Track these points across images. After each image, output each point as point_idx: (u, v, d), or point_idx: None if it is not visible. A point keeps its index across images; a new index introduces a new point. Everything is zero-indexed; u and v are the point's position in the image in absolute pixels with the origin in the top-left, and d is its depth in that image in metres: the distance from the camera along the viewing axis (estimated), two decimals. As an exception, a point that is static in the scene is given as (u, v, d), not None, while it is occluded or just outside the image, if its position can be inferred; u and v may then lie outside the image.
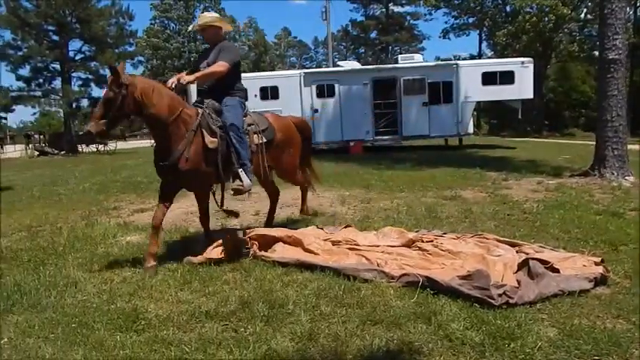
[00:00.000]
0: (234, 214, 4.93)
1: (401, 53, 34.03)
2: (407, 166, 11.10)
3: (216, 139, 4.24)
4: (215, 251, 4.35)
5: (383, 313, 3.13)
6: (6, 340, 2.96)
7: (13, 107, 27.75)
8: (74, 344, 2.86)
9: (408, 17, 48.89)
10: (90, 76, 27.45)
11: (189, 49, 44.42)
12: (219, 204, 4.62)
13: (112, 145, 25.55)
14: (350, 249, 4.40)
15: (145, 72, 45.27)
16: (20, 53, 25.41)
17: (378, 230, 4.94)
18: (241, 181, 4.35)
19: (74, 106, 26.61)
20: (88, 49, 26.97)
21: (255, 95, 16.28)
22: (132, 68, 44.40)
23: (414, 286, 3.46)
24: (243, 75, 4.97)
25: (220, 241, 4.46)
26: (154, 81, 4.40)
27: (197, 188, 4.51)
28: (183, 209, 6.82)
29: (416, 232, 4.87)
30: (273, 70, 43.33)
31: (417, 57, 18.89)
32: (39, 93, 26.69)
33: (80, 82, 27.43)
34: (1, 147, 27.07)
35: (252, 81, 16.78)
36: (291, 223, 5.73)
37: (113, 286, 3.79)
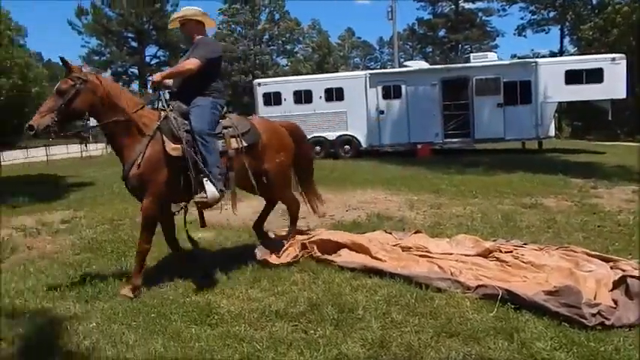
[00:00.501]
0: (194, 244, 4.42)
1: (472, 52, 32.97)
2: (479, 171, 10.71)
3: (179, 146, 3.81)
4: (284, 255, 4.43)
5: (459, 325, 3.04)
6: (94, 324, 3.20)
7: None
8: (154, 333, 3.05)
9: (480, 14, 47.31)
10: (164, 80, 29.13)
11: (255, 51, 45.75)
12: (200, 222, 4.24)
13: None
14: (421, 256, 4.32)
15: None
16: (103, 58, 27.47)
17: (451, 238, 4.80)
18: (205, 192, 3.83)
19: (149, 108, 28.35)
20: (162, 54, 28.66)
21: (320, 97, 16.44)
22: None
23: (493, 298, 3.33)
24: (308, 77, 4.81)
25: (289, 244, 4.55)
26: (114, 82, 4.20)
27: (147, 201, 3.85)
28: (252, 209, 6.99)
29: (493, 241, 4.68)
30: (337, 71, 43.51)
31: (491, 55, 18.21)
32: (118, 95, 28.71)
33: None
34: (86, 146, 29.24)
35: (317, 82, 16.99)
36: (356, 227, 5.71)
37: (187, 281, 3.97)
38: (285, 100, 16.45)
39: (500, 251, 4.31)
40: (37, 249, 5.57)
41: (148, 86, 4.09)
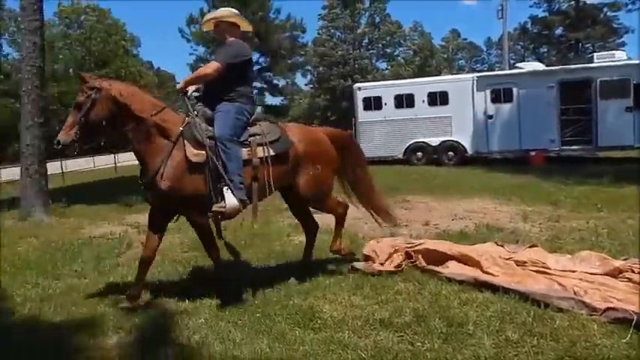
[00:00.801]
0: (234, 252, 4.20)
1: (595, 51, 30.41)
2: (604, 182, 9.79)
3: (202, 152, 3.70)
4: (389, 262, 4.40)
5: (585, 350, 2.82)
6: (203, 320, 3.42)
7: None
8: (259, 333, 3.19)
9: (605, 9, 43.50)
10: (265, 86, 30.59)
11: (354, 55, 46.23)
12: (218, 233, 4.04)
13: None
14: (537, 272, 4.06)
15: (312, 79, 48.56)
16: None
17: (574, 254, 4.44)
18: (224, 202, 3.68)
19: (249, 112, 29.87)
20: (264, 61, 30.10)
21: (423, 101, 16.17)
22: (302, 77, 47.81)
23: (625, 324, 3.05)
24: (410, 80, 4.55)
25: (392, 252, 4.52)
26: (132, 86, 4.09)
27: (187, 212, 3.93)
28: (349, 214, 7.05)
29: (623, 260, 4.24)
30: (439, 74, 42.51)
31: (619, 54, 16.65)
32: (221, 101, 30.61)
33: (256, 91, 30.65)
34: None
35: (419, 86, 16.73)
36: (464, 238, 5.51)
37: (289, 283, 4.11)
38: (385, 104, 16.42)
39: (633, 271, 3.90)
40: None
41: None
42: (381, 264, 4.40)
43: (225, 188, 3.69)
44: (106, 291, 4.27)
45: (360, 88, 17.16)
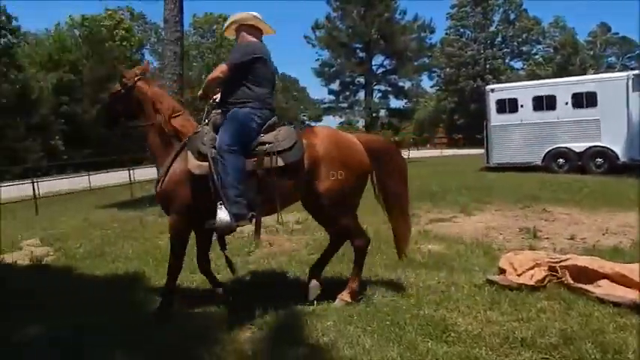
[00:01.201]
0: (232, 269, 4.16)
1: None
2: None
3: (205, 164, 3.64)
4: (527, 276, 4.13)
5: None
6: (331, 323, 3.49)
7: (322, 118, 33.46)
8: (389, 341, 3.16)
9: None
10: (389, 89, 30.56)
11: (485, 55, 44.26)
12: (221, 246, 4.04)
13: (404, 154, 27.63)
14: None
15: (438, 81, 47.52)
16: (333, 70, 30.31)
17: None
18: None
19: (374, 116, 29.97)
20: (388, 63, 30.13)
21: (566, 103, 14.97)
22: (428, 79, 47.05)
23: None
24: (552, 80, 4.05)
25: (533, 265, 4.23)
26: (160, 91, 4.20)
27: (171, 219, 3.90)
28: (483, 223, 6.76)
29: None
30: (584, 73, 38.97)
31: None
32: (345, 105, 31.05)
33: (380, 94, 30.78)
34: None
35: (562, 87, 15.52)
36: (617, 255, 4.96)
37: (419, 292, 4.04)
38: (522, 106, 15.48)
39: None
40: (277, 245, 6.38)
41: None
42: (518, 275, 4.16)
43: (219, 203, 3.59)
44: (237, 288, 4.55)
45: (493, 90, 16.37)
